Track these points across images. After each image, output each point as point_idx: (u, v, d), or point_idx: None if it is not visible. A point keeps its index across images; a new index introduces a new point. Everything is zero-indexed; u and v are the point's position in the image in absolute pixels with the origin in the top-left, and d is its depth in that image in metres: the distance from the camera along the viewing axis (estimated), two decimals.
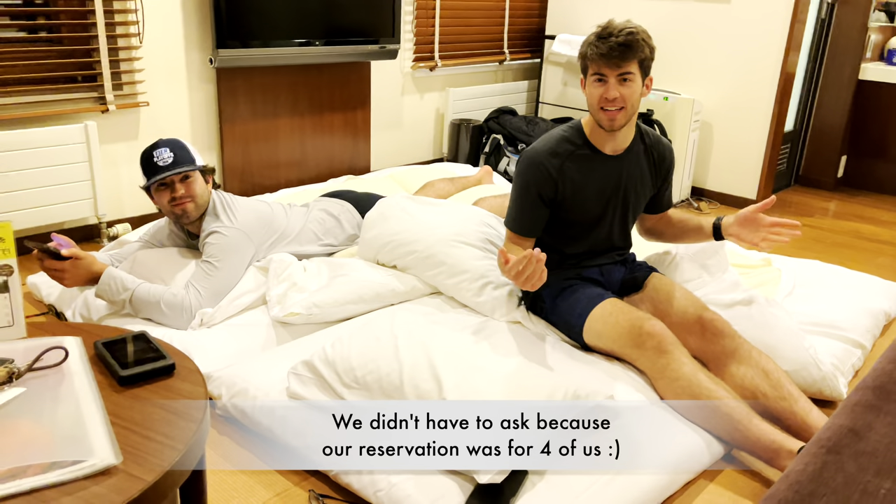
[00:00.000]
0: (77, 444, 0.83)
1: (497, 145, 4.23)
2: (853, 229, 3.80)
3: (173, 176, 2.13)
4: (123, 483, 0.80)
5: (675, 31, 4.15)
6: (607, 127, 1.93)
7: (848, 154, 4.69)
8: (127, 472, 0.81)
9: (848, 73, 4.43)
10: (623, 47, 1.82)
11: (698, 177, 4.26)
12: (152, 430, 0.89)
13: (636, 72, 1.87)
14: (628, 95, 1.87)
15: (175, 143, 2.16)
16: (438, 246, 2.32)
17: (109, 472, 0.81)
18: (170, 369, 1.05)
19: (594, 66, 1.88)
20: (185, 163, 2.14)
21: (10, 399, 0.93)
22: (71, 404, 0.90)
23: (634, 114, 1.95)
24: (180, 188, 2.14)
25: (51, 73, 2.85)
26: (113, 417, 0.92)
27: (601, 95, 1.88)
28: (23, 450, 0.82)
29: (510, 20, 4.72)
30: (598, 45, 1.85)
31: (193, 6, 3.18)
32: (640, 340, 1.87)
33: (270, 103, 3.57)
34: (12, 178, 2.76)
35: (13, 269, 1.04)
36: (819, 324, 2.22)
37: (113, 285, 2.02)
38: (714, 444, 1.73)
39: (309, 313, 2.11)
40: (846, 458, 1.01)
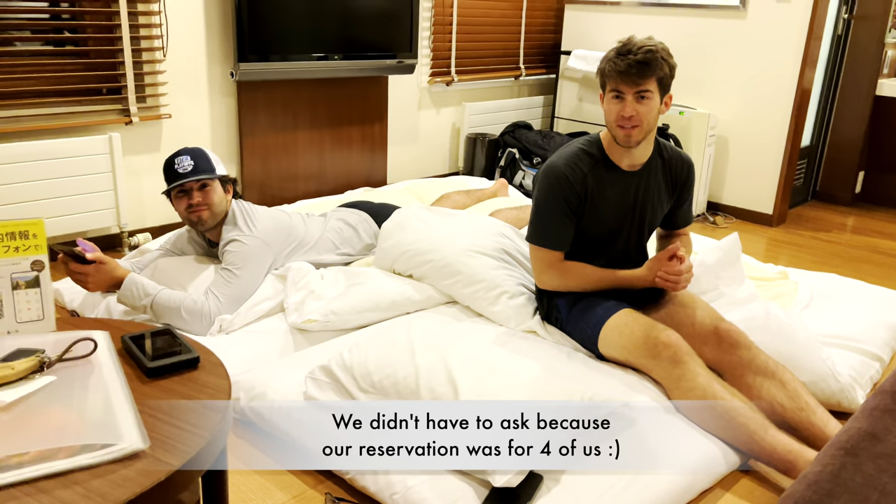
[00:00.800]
0: (106, 430, 0.86)
1: (513, 159, 4.26)
2: (871, 244, 3.78)
3: (191, 183, 2.17)
4: (151, 467, 0.82)
5: (691, 45, 4.18)
6: (623, 143, 1.94)
7: (866, 170, 4.67)
8: (154, 457, 0.84)
9: (865, 88, 4.42)
10: (641, 65, 1.83)
11: (714, 191, 4.25)
12: (179, 419, 0.91)
13: (654, 90, 1.87)
14: (645, 113, 1.88)
15: (196, 152, 2.20)
16: (454, 256, 2.34)
17: (138, 457, 0.83)
18: (195, 362, 1.08)
19: (612, 83, 1.89)
20: (204, 171, 2.18)
21: (41, 387, 0.96)
22: (100, 392, 0.93)
23: (651, 131, 1.95)
24: (197, 196, 2.19)
25: (77, 86, 2.91)
26: (141, 406, 0.95)
27: (618, 112, 1.89)
28: (54, 434, 0.85)
29: (526, 36, 4.76)
30: (617, 61, 1.86)
31: (216, 21, 3.24)
32: (655, 351, 1.87)
33: (290, 116, 3.62)
34: (38, 186, 2.81)
35: (45, 264, 1.07)
36: (836, 336, 2.21)
37: (135, 290, 2.05)
38: (730, 453, 1.72)
39: (326, 320, 2.13)
40: (864, 460, 1.01)
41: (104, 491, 0.78)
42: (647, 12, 4.33)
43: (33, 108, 2.82)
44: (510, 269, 2.35)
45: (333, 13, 3.47)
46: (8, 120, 2.77)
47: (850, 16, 4.37)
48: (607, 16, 4.52)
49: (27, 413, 0.89)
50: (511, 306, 2.22)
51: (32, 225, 1.06)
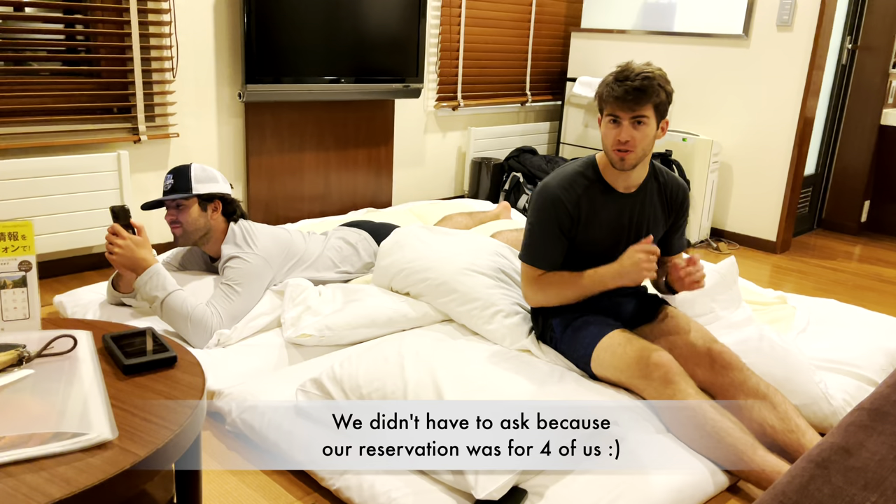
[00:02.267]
0: (77, 420, 0.89)
1: (517, 183, 4.29)
2: (875, 272, 3.76)
3: (168, 200, 2.24)
4: (118, 456, 0.84)
5: (695, 72, 4.22)
6: (619, 166, 1.96)
7: (871, 199, 4.66)
8: (122, 447, 0.86)
9: (870, 118, 4.44)
10: (638, 91, 1.85)
11: (718, 218, 4.26)
12: (150, 413, 0.94)
13: (651, 115, 1.90)
14: (640, 138, 1.90)
15: (179, 171, 2.27)
16: (451, 274, 2.36)
17: (105, 446, 0.86)
18: (172, 361, 1.11)
19: (609, 108, 1.92)
20: (179, 190, 2.25)
21: (18, 378, 0.99)
22: (74, 386, 0.96)
23: (647, 155, 1.97)
24: (171, 214, 2.28)
25: (88, 104, 2.99)
26: (114, 401, 0.97)
27: (614, 137, 1.92)
28: (26, 422, 0.88)
29: (532, 63, 4.83)
30: (614, 87, 1.88)
31: (225, 43, 3.33)
32: (646, 371, 1.88)
33: (297, 138, 3.68)
34: (47, 202, 2.88)
35: (32, 265, 1.11)
36: (832, 360, 2.20)
37: (156, 280, 2.08)
38: (719, 474, 1.71)
39: (321, 335, 2.15)
40: (834, 473, 1.01)
41: (69, 476, 0.81)
42: (652, 40, 4.38)
43: (45, 125, 2.90)
44: (506, 288, 2.37)
45: (340, 36, 3.55)
46: (19, 136, 2.84)
47: (854, 46, 4.40)
48: (613, 43, 4.58)
49: (2, 402, 0.92)
50: (506, 325, 2.23)
51: (21, 226, 1.10)
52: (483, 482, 1.46)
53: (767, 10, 3.89)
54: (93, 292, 2.50)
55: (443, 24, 4.21)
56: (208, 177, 2.29)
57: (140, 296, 2.12)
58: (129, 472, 0.82)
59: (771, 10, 3.88)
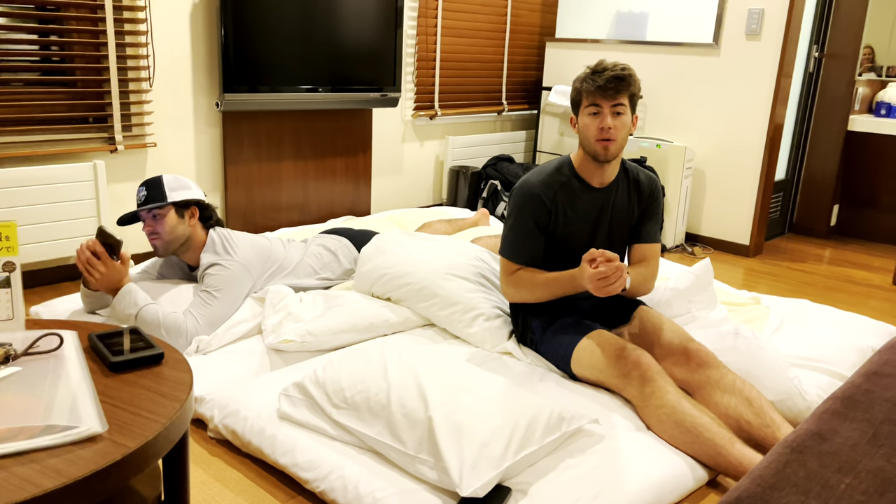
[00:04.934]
0: (66, 414, 0.89)
1: (494, 190, 4.33)
2: (845, 274, 3.85)
3: (143, 213, 2.25)
4: (108, 448, 0.85)
5: (667, 80, 4.30)
6: (601, 157, 2.01)
7: (840, 203, 4.77)
8: (112, 440, 0.87)
9: (837, 124, 4.55)
10: (618, 80, 1.95)
11: (692, 223, 4.33)
12: (138, 408, 0.94)
13: (627, 106, 1.99)
14: (620, 127, 1.98)
15: (151, 182, 2.27)
16: (432, 278, 2.37)
17: (96, 440, 0.86)
18: (158, 358, 1.11)
19: (590, 98, 1.98)
20: (154, 200, 2.25)
21: (5, 375, 0.99)
22: (62, 382, 0.96)
23: (623, 147, 2.04)
24: (148, 225, 2.27)
25: (64, 114, 2.97)
26: (102, 397, 0.98)
27: (597, 126, 1.98)
28: (15, 417, 0.88)
29: (508, 72, 4.88)
30: (595, 78, 1.97)
31: (202, 52, 3.32)
32: (625, 370, 1.91)
33: (274, 147, 3.68)
34: (22, 212, 2.84)
35: (16, 265, 1.11)
36: (805, 357, 2.25)
37: (128, 298, 2.11)
38: (698, 468, 1.74)
39: (302, 341, 2.15)
40: (809, 457, 1.05)
41: (60, 468, 0.81)
42: (626, 49, 4.46)
43: (20, 135, 2.87)
44: (487, 292, 2.39)
45: (318, 46, 3.57)
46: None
47: (820, 54, 4.52)
48: (587, 52, 4.65)
49: None
50: (487, 328, 2.25)
51: (5, 227, 1.10)
52: (467, 480, 1.47)
53: (736, 19, 3.98)
54: (69, 302, 2.48)
55: (419, 35, 4.25)
56: (181, 185, 2.30)
57: (115, 316, 2.14)
58: (119, 464, 0.82)
59: (739, 20, 3.97)
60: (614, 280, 1.85)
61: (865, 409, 1.20)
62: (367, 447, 1.69)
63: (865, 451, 1.06)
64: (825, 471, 1.01)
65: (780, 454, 1.06)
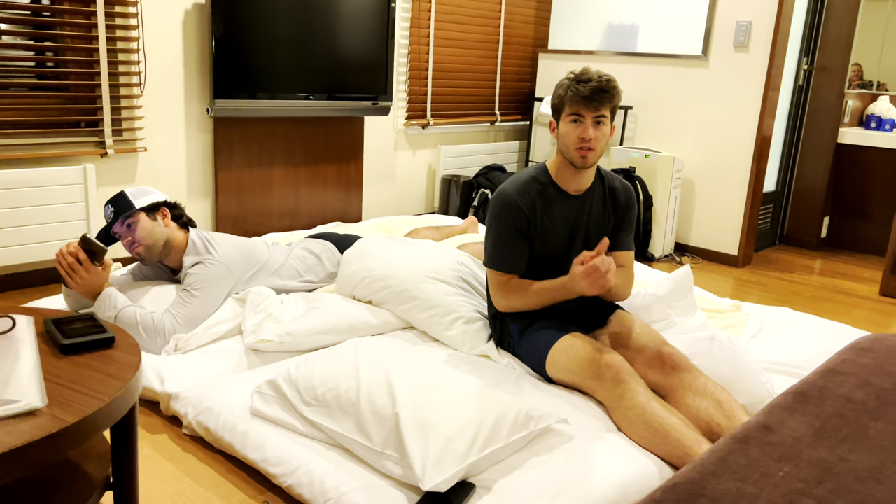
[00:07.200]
0: (8, 390, 0.91)
1: (485, 199, 4.36)
2: (833, 285, 3.86)
3: (116, 228, 2.29)
4: (46, 422, 0.87)
5: (657, 91, 4.33)
6: (580, 164, 2.03)
7: (831, 215, 4.79)
8: (51, 415, 0.89)
9: (827, 136, 4.58)
10: (602, 92, 1.96)
11: (681, 233, 4.35)
12: (83, 386, 0.97)
13: (608, 116, 2.01)
14: (600, 137, 2.00)
15: (115, 197, 2.32)
16: (412, 281, 2.39)
17: (35, 414, 0.89)
18: (110, 342, 1.13)
19: (572, 108, 2.00)
20: (122, 210, 2.28)
21: None
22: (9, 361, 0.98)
23: (601, 155, 2.07)
24: (126, 236, 2.30)
25: (55, 118, 3.01)
26: (50, 376, 1.00)
27: (578, 135, 1.99)
28: None
29: (501, 83, 4.93)
30: (579, 87, 1.98)
31: (194, 58, 3.37)
32: (598, 372, 1.93)
33: (266, 153, 3.72)
34: (11, 214, 2.88)
35: None
36: (780, 363, 2.26)
37: (108, 302, 2.15)
38: (666, 469, 1.75)
39: (281, 341, 2.17)
40: (752, 447, 1.06)
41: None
42: (617, 60, 4.50)
43: (11, 137, 2.91)
44: (467, 295, 2.41)
45: (310, 53, 3.61)
46: None
47: (810, 67, 4.55)
48: (579, 64, 4.69)
49: None
50: (465, 331, 2.27)
51: None
52: (430, 475, 1.48)
53: (724, 31, 4.03)
54: (56, 303, 2.50)
55: (412, 45, 4.30)
56: (143, 192, 2.35)
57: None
58: (56, 435, 0.84)
59: (728, 32, 4.01)
60: (605, 271, 1.89)
61: (816, 403, 1.21)
62: (336, 444, 1.71)
63: (809, 443, 1.07)
64: (766, 459, 1.02)
65: (726, 443, 1.08)
